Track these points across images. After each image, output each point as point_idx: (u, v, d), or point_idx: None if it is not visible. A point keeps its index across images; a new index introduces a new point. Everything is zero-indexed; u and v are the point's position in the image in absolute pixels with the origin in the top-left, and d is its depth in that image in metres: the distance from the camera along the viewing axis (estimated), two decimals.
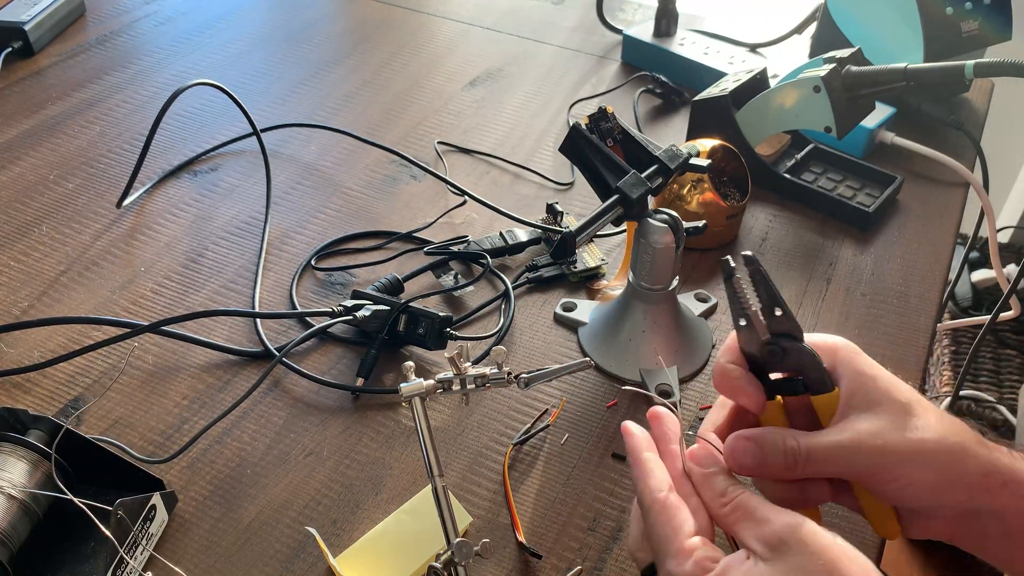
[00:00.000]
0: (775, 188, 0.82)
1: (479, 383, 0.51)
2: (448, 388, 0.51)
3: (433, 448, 0.49)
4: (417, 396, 0.50)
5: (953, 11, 0.84)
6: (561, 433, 0.60)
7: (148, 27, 1.09)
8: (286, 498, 0.55)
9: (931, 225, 0.79)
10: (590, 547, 0.53)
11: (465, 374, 0.51)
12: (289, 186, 0.83)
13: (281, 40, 1.07)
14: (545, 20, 1.14)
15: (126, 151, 0.87)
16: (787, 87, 0.75)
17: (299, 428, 0.60)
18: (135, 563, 0.49)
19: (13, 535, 0.48)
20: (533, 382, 0.52)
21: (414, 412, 0.49)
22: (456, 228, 0.78)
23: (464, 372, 0.51)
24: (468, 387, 0.51)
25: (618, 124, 0.64)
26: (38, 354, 0.64)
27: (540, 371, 0.52)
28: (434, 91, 0.98)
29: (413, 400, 0.49)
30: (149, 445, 0.58)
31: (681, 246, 0.60)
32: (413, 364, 0.52)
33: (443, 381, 0.51)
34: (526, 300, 0.70)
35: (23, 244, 0.75)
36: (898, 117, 0.88)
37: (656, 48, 1.00)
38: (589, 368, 0.50)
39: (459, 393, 0.52)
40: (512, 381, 0.52)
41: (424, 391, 0.50)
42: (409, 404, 0.50)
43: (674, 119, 0.94)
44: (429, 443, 0.49)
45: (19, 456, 0.50)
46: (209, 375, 0.63)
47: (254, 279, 0.71)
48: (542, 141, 0.90)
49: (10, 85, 0.96)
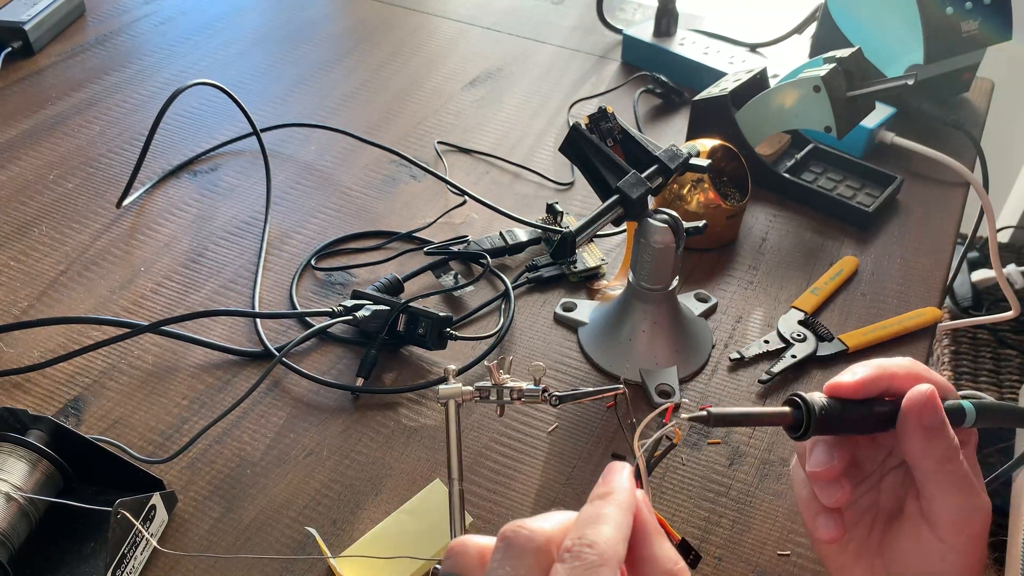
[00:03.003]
0: (775, 188, 0.82)
1: (514, 396, 0.51)
2: (485, 397, 0.51)
3: (459, 452, 0.49)
4: (453, 400, 0.50)
5: (953, 11, 0.84)
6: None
7: (147, 27, 1.09)
8: (286, 498, 0.55)
9: (931, 225, 0.79)
10: None
11: (503, 385, 0.51)
12: (289, 186, 0.83)
13: (281, 40, 1.07)
14: (545, 20, 1.14)
15: (126, 151, 0.87)
16: (787, 87, 0.75)
17: (299, 428, 0.60)
18: (135, 563, 0.49)
19: (13, 535, 0.48)
20: (565, 401, 0.52)
21: (447, 415, 0.50)
22: (456, 228, 0.78)
23: (501, 383, 0.51)
24: (504, 399, 0.51)
25: (618, 124, 0.64)
26: (38, 354, 0.64)
27: (573, 392, 0.52)
28: (434, 91, 0.98)
29: (449, 403, 0.50)
30: (149, 445, 0.58)
31: (681, 246, 0.60)
32: (455, 367, 0.52)
33: (481, 389, 0.51)
34: (526, 300, 0.70)
35: (23, 244, 0.75)
36: (898, 117, 0.88)
37: (656, 48, 1.00)
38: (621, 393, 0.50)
39: (494, 403, 0.52)
40: (547, 400, 0.51)
41: (461, 396, 0.50)
42: (444, 405, 0.50)
43: (674, 119, 0.94)
44: (456, 447, 0.49)
45: (19, 456, 0.50)
46: (209, 375, 0.63)
47: (254, 279, 0.71)
48: (542, 141, 0.90)
49: (10, 85, 0.96)
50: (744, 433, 0.60)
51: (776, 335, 0.67)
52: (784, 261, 0.75)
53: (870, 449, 0.43)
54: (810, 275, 0.73)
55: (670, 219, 0.59)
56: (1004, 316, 0.93)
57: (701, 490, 0.56)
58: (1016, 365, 1.35)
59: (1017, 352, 1.37)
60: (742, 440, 0.60)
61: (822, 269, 0.74)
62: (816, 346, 0.66)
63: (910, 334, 0.67)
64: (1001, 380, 1.33)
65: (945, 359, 1.38)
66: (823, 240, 0.77)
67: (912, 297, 0.71)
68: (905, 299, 0.71)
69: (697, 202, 0.72)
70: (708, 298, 0.70)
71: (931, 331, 0.68)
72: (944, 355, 1.39)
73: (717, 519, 0.55)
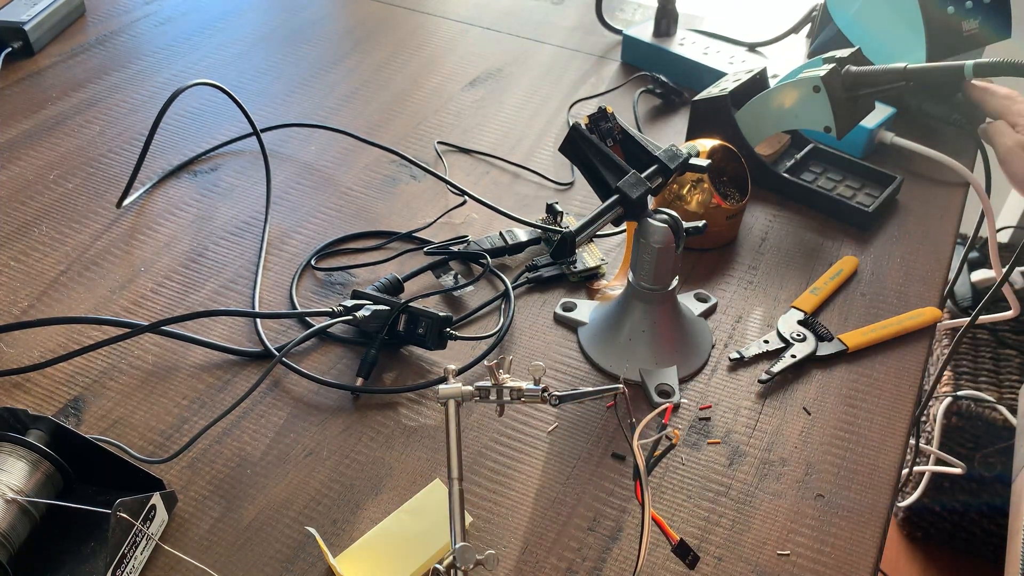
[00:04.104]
0: (775, 188, 0.82)
1: (514, 396, 0.51)
2: (485, 397, 0.51)
3: (458, 452, 0.49)
4: (453, 400, 0.50)
5: (955, 10, 0.84)
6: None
7: (148, 27, 1.09)
8: (286, 498, 0.55)
9: (931, 225, 0.79)
10: (590, 547, 0.53)
11: (503, 385, 0.51)
12: (289, 186, 0.83)
13: (280, 40, 1.07)
14: (544, 20, 1.14)
15: (126, 151, 0.87)
16: (787, 87, 0.75)
17: (299, 428, 0.60)
18: (135, 563, 0.50)
19: (13, 535, 0.48)
20: (565, 401, 0.52)
21: (447, 414, 0.49)
22: (456, 228, 0.78)
23: (502, 383, 0.51)
24: (504, 399, 0.51)
25: (618, 124, 0.64)
26: (38, 354, 0.64)
27: (573, 392, 0.52)
28: (433, 91, 0.98)
29: (448, 403, 0.49)
30: (149, 445, 0.58)
31: (681, 246, 0.60)
32: (455, 367, 0.52)
33: (481, 389, 0.51)
34: (526, 300, 0.70)
35: (23, 244, 0.75)
36: (899, 117, 0.88)
37: (656, 48, 1.00)
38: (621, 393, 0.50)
39: (494, 403, 0.51)
40: (547, 400, 0.51)
41: (461, 396, 0.50)
42: (444, 405, 0.50)
43: (674, 119, 0.94)
44: (455, 447, 0.49)
45: (19, 456, 0.50)
46: (209, 375, 0.63)
47: (254, 279, 0.71)
48: (542, 141, 0.90)
49: (10, 85, 0.96)
50: (744, 433, 0.60)
51: (776, 335, 0.67)
52: (784, 261, 0.75)
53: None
54: (810, 275, 0.73)
55: (670, 219, 0.59)
56: (1004, 316, 0.93)
57: (701, 490, 0.56)
58: (1016, 365, 1.35)
59: (1017, 352, 1.37)
60: (742, 440, 0.60)
61: (822, 269, 0.74)
62: (816, 346, 0.66)
63: (910, 334, 0.68)
64: (1001, 380, 1.32)
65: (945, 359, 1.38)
66: (823, 240, 0.77)
67: (912, 297, 0.71)
68: (905, 299, 0.71)
69: (697, 202, 0.72)
70: (708, 298, 0.70)
71: (931, 331, 0.68)
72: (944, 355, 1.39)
73: (717, 519, 0.55)
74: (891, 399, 0.63)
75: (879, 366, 0.65)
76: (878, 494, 0.56)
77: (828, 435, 0.60)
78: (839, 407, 0.62)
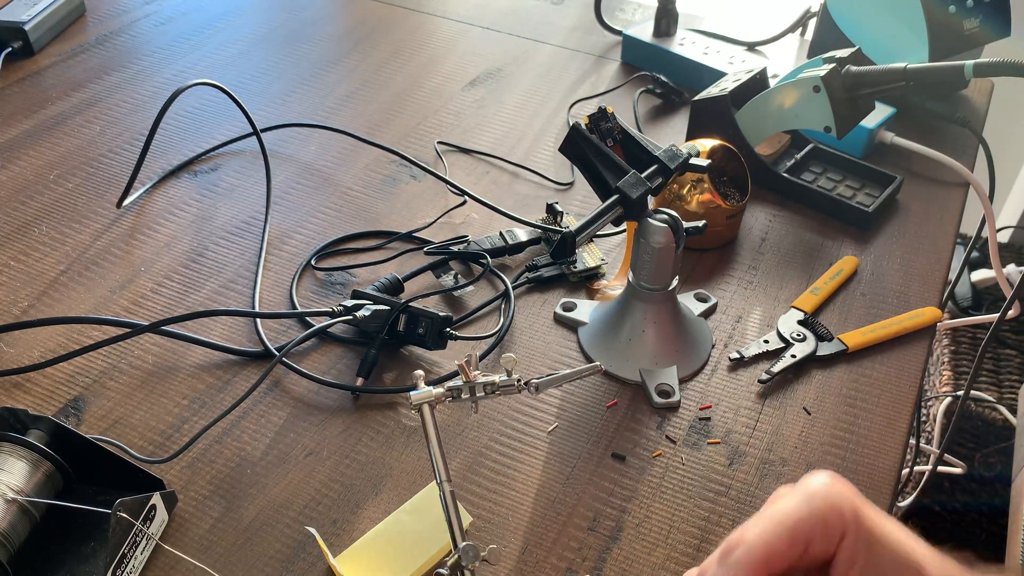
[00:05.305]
0: (775, 188, 0.82)
1: (489, 391, 0.51)
2: (457, 396, 0.51)
3: (442, 454, 0.49)
4: (426, 404, 0.50)
5: (956, 10, 0.84)
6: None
7: (148, 27, 1.09)
8: (286, 498, 0.55)
9: (931, 225, 0.79)
10: (590, 547, 0.53)
11: (474, 381, 0.51)
12: (289, 186, 0.83)
13: (280, 40, 1.07)
14: (544, 20, 1.14)
15: (126, 151, 0.87)
16: (787, 87, 0.75)
17: (299, 428, 0.60)
18: (135, 563, 0.49)
19: (13, 535, 0.48)
20: (544, 388, 0.52)
21: (423, 419, 0.49)
22: (456, 228, 0.78)
23: (473, 380, 0.51)
24: (477, 395, 0.51)
25: (618, 124, 0.64)
26: (38, 354, 0.64)
27: (550, 376, 0.52)
28: (433, 91, 0.98)
29: (422, 407, 0.49)
30: (149, 445, 0.58)
31: (681, 246, 0.60)
32: (423, 372, 0.52)
33: (452, 389, 0.51)
34: (526, 300, 0.70)
35: (23, 243, 0.75)
36: (900, 116, 0.88)
37: (656, 48, 1.00)
38: (599, 373, 0.50)
39: (468, 401, 0.51)
40: (523, 388, 0.51)
41: (433, 399, 0.50)
42: (418, 411, 0.50)
43: (674, 119, 0.94)
44: (437, 449, 0.49)
45: (19, 456, 0.50)
46: (209, 375, 0.63)
47: (254, 279, 0.71)
48: (542, 141, 0.90)
49: (10, 85, 0.96)
50: (744, 433, 0.60)
51: (776, 335, 0.67)
52: (784, 261, 0.75)
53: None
54: (810, 275, 0.73)
55: (670, 219, 0.60)
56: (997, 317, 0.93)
57: (701, 490, 0.56)
58: (1016, 365, 1.35)
59: (1017, 352, 1.37)
60: (742, 440, 0.60)
61: (822, 269, 0.74)
62: (816, 346, 0.66)
63: (910, 334, 0.68)
64: (1001, 380, 1.32)
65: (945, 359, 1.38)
66: (823, 240, 0.77)
67: (912, 297, 0.71)
68: (905, 299, 0.71)
69: (697, 202, 0.72)
70: (708, 298, 0.70)
71: (931, 331, 0.68)
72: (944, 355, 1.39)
73: (717, 519, 0.55)
74: (891, 399, 0.63)
75: (879, 366, 0.65)
76: (878, 494, 0.56)
77: (828, 435, 0.60)
78: (839, 407, 0.62)
